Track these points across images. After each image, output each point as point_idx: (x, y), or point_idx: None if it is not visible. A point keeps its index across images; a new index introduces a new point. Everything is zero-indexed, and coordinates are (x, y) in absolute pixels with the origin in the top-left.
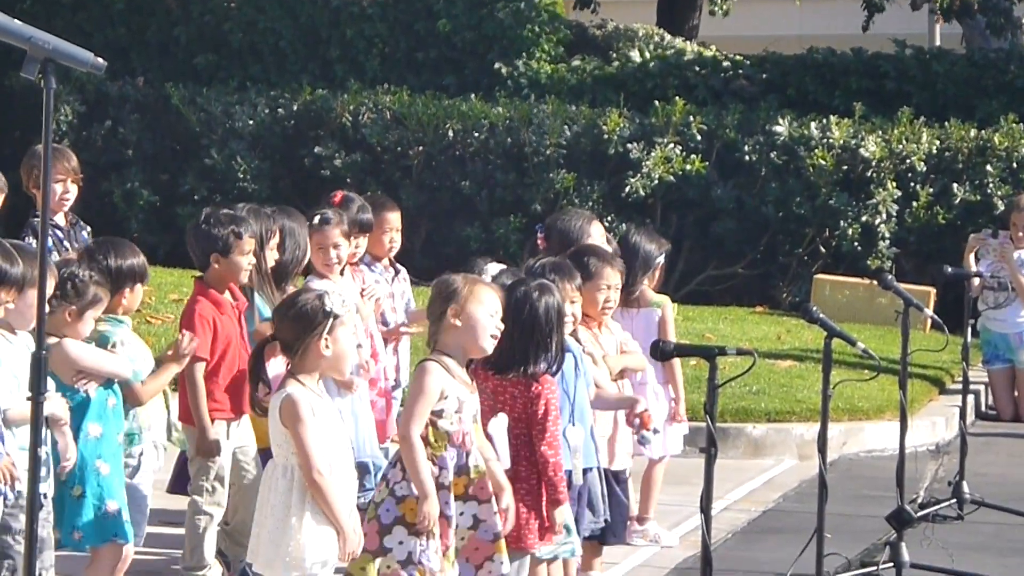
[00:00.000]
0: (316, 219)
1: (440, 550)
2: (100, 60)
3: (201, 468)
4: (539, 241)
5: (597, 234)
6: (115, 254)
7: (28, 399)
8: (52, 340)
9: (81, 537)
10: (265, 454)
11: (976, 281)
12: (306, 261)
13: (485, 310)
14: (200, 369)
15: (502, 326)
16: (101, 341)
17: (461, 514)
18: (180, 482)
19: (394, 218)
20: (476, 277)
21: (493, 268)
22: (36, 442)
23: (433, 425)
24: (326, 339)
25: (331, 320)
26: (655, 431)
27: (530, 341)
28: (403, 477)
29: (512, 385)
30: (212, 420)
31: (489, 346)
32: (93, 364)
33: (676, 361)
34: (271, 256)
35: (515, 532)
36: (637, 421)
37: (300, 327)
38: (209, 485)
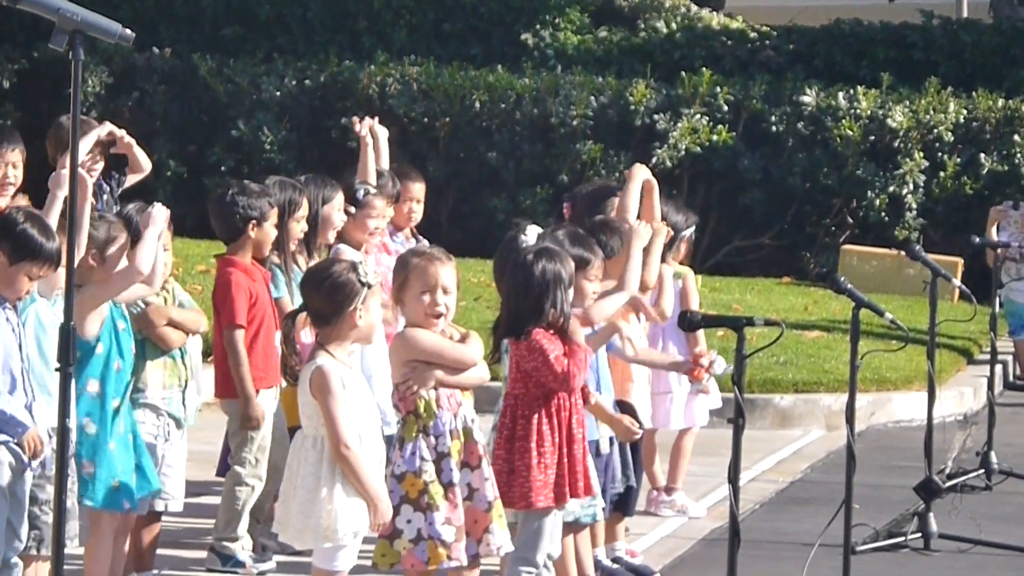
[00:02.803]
0: (360, 192)
1: (449, 520)
2: (128, 31)
3: (244, 439)
4: (565, 211)
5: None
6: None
7: (57, 370)
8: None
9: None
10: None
11: (998, 251)
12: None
13: (415, 294)
14: (240, 337)
15: (444, 300)
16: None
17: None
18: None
19: (417, 189)
20: (426, 257)
21: (532, 231)
22: (64, 413)
23: (418, 396)
24: (360, 310)
25: (365, 290)
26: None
27: (522, 305)
28: (400, 455)
29: (516, 348)
30: (256, 390)
31: (432, 324)
32: (114, 285)
33: (700, 332)
34: (297, 228)
35: (519, 491)
36: (705, 371)
37: (337, 298)
38: (252, 457)
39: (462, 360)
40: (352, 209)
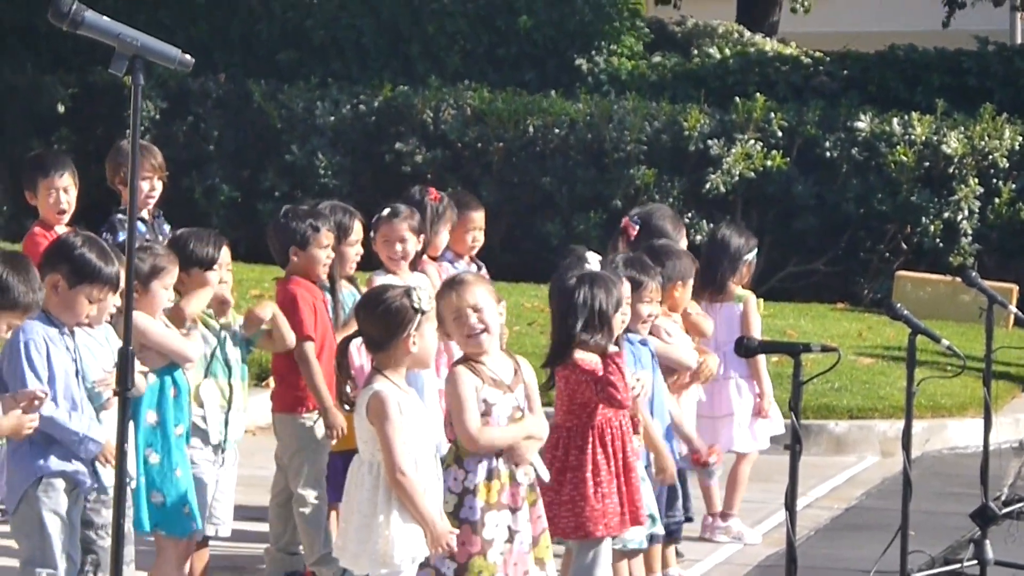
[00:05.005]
0: (385, 211)
1: (453, 556)
2: (188, 57)
3: (305, 460)
4: (631, 232)
5: (682, 240)
6: (193, 239)
7: (115, 393)
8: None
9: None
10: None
11: None
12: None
13: (451, 324)
14: (311, 348)
15: (476, 319)
16: None
17: (496, 526)
18: None
19: (478, 217)
20: (449, 285)
21: (593, 259)
22: (123, 437)
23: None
24: (414, 336)
25: (419, 317)
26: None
27: (562, 330)
28: None
29: (562, 375)
30: (314, 407)
31: (478, 345)
32: (158, 339)
33: (761, 357)
34: (352, 252)
35: (574, 521)
36: (713, 458)
37: (389, 324)
38: (312, 478)
39: (466, 425)
40: (372, 234)
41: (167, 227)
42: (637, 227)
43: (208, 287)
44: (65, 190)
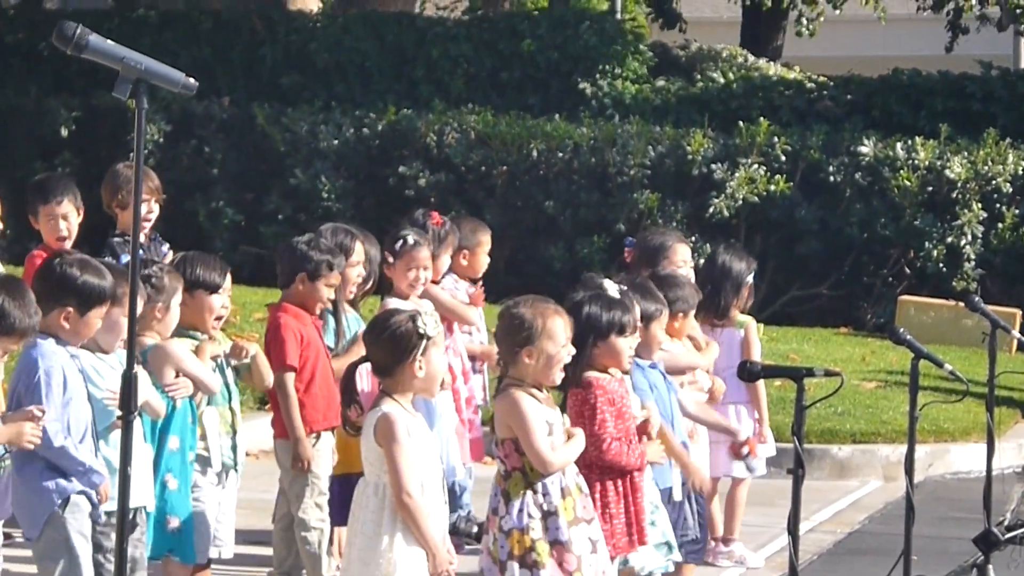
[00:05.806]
0: (410, 240)
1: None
2: (192, 80)
3: (303, 487)
4: (626, 255)
5: (681, 256)
6: (200, 263)
7: (119, 418)
8: (150, 340)
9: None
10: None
11: None
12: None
13: (556, 344)
14: (290, 379)
15: (573, 350)
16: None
17: (581, 540)
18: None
19: (489, 238)
20: (544, 306)
21: (611, 286)
22: (126, 460)
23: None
24: (419, 361)
25: (424, 342)
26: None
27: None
28: (507, 510)
29: (573, 396)
30: (311, 431)
31: (558, 378)
32: (192, 371)
33: (760, 382)
34: (353, 273)
35: None
36: (745, 450)
37: (394, 350)
38: (314, 502)
39: (539, 450)
40: (391, 259)
41: (165, 247)
42: (629, 248)
43: (205, 346)
44: (65, 216)
